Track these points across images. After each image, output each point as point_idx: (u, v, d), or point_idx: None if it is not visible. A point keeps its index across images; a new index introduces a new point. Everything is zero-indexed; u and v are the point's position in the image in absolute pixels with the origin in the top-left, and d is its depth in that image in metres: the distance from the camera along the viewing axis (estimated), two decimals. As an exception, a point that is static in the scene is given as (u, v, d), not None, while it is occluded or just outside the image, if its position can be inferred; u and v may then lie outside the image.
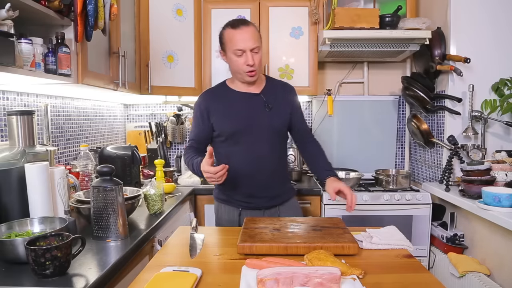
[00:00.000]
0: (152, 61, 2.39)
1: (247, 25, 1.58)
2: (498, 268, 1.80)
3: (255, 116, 1.65)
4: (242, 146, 1.66)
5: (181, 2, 2.52)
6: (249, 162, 1.66)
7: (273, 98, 1.69)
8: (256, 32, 1.60)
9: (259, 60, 1.60)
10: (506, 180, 1.90)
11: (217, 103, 1.67)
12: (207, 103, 1.68)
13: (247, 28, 1.57)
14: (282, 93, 1.73)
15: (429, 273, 1.04)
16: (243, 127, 1.64)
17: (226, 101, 1.67)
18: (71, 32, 1.53)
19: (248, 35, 1.56)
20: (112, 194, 1.29)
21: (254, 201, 1.70)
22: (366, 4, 2.63)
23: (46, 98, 1.95)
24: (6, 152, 1.42)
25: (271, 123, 1.66)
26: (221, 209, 1.76)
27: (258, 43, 1.59)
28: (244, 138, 1.65)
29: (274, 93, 1.71)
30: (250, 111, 1.66)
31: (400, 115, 2.94)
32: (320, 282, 0.91)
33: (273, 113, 1.67)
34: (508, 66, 2.22)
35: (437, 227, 2.27)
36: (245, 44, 1.55)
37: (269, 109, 1.66)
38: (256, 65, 1.59)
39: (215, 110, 1.66)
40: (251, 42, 1.56)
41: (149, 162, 2.74)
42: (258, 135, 1.65)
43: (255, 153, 1.66)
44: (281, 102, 1.70)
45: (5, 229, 1.17)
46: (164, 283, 0.94)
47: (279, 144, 1.74)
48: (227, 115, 1.66)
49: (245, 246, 1.16)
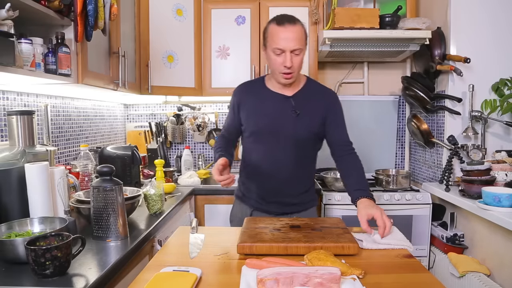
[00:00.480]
0: (152, 61, 2.39)
1: (294, 23, 1.48)
2: (498, 268, 1.80)
3: (280, 119, 1.57)
4: (262, 146, 1.61)
5: (181, 2, 2.52)
6: (265, 163, 1.61)
7: (305, 103, 1.58)
8: (301, 32, 1.49)
9: (298, 63, 1.50)
10: (506, 180, 1.90)
11: (249, 98, 1.64)
12: (240, 96, 1.66)
13: (292, 27, 1.47)
14: (318, 99, 1.60)
15: (429, 273, 1.04)
16: (266, 128, 1.59)
17: (257, 98, 1.63)
18: (71, 32, 1.53)
19: (291, 34, 1.46)
20: (112, 194, 1.29)
21: (265, 204, 1.65)
22: (366, 4, 2.63)
23: (46, 98, 1.95)
24: (6, 152, 1.41)
25: (295, 129, 1.56)
26: (236, 206, 1.77)
27: (301, 45, 1.48)
28: (265, 139, 1.60)
29: (308, 98, 1.59)
30: (277, 113, 1.58)
31: (400, 115, 2.94)
32: (320, 282, 0.91)
33: (300, 119, 1.56)
34: (508, 66, 2.22)
35: (437, 227, 2.27)
36: (286, 44, 1.45)
37: (295, 115, 1.56)
38: (295, 68, 1.49)
39: (245, 105, 1.64)
40: (293, 43, 1.45)
41: (149, 162, 2.74)
42: (280, 138, 1.58)
43: (273, 156, 1.60)
44: (313, 109, 1.58)
45: (5, 229, 1.17)
46: (164, 283, 0.94)
47: (303, 152, 1.62)
48: (254, 113, 1.62)
49: (245, 246, 1.16)
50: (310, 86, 1.64)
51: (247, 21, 2.60)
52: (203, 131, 2.96)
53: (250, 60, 2.61)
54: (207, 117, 2.98)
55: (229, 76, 2.65)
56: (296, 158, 1.61)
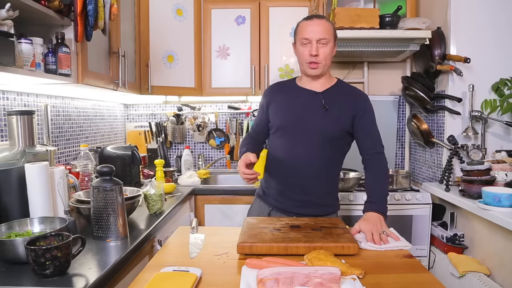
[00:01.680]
0: (152, 61, 2.39)
1: (320, 18, 1.56)
2: (498, 268, 1.80)
3: (309, 114, 1.57)
4: (288, 140, 1.60)
5: (181, 2, 2.52)
6: (289, 157, 1.59)
7: (335, 100, 1.58)
8: (328, 26, 1.54)
9: (325, 53, 1.53)
10: (506, 180, 1.90)
11: (278, 96, 1.67)
12: (270, 96, 1.69)
13: (318, 20, 1.54)
14: (349, 98, 1.61)
15: (429, 273, 1.05)
16: (293, 121, 1.59)
17: (286, 95, 1.65)
18: (71, 32, 1.53)
19: (317, 27, 1.52)
20: (112, 194, 1.29)
21: (284, 202, 1.62)
22: (366, 4, 2.63)
23: (46, 98, 1.95)
24: (6, 152, 1.41)
25: (323, 125, 1.55)
26: (255, 203, 1.75)
27: (327, 36, 1.52)
28: (292, 133, 1.59)
29: (338, 96, 1.60)
30: (305, 107, 1.58)
31: (400, 115, 2.94)
32: (320, 282, 0.91)
33: (328, 115, 1.56)
34: (508, 66, 2.22)
35: (437, 227, 2.27)
36: (312, 34, 1.52)
37: (325, 110, 1.56)
38: (320, 58, 1.53)
39: (274, 102, 1.66)
40: (319, 33, 1.51)
41: (149, 162, 2.74)
42: (307, 133, 1.57)
43: (298, 151, 1.57)
44: (343, 107, 1.58)
45: (5, 229, 1.17)
46: (164, 283, 0.94)
47: (330, 150, 1.59)
48: (282, 107, 1.63)
49: (245, 246, 1.16)
50: (341, 86, 1.66)
51: (247, 21, 2.60)
52: (203, 131, 2.96)
53: (250, 60, 2.61)
54: (207, 117, 2.98)
55: (229, 76, 2.65)
56: (321, 155, 1.58)
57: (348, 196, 2.28)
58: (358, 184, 2.40)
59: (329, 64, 1.59)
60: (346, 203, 2.27)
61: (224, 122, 3.01)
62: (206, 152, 3.03)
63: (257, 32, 2.58)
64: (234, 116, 3.01)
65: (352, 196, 2.28)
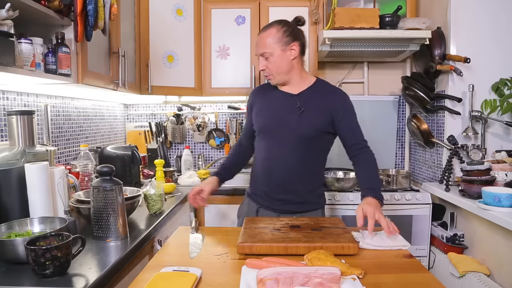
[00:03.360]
0: (152, 61, 2.39)
1: (264, 30, 1.59)
2: (498, 268, 1.80)
3: (285, 116, 1.61)
4: (268, 143, 1.65)
5: (181, 2, 2.52)
6: (271, 159, 1.63)
7: (310, 101, 1.60)
8: (267, 38, 1.56)
9: (271, 65, 1.57)
10: (506, 180, 1.90)
11: (259, 98, 1.72)
12: (253, 98, 1.75)
13: (262, 33, 1.59)
14: (326, 99, 1.61)
15: (429, 273, 1.05)
16: (271, 124, 1.64)
17: (266, 98, 1.70)
18: (71, 32, 1.53)
19: (259, 41, 1.59)
20: (112, 194, 1.29)
21: (269, 201, 1.66)
22: (366, 4, 2.63)
23: (46, 98, 1.95)
24: (6, 152, 1.41)
25: (299, 126, 1.58)
26: (244, 202, 1.79)
27: (268, 49, 1.55)
28: (271, 135, 1.64)
29: (314, 96, 1.62)
30: (281, 111, 1.62)
31: (400, 115, 2.94)
32: (320, 282, 0.91)
33: (304, 116, 1.58)
34: (508, 66, 2.22)
35: (437, 227, 2.27)
36: (256, 50, 1.61)
37: (300, 111, 1.58)
38: (270, 70, 1.58)
39: (256, 105, 1.72)
40: (260, 48, 1.58)
41: (149, 162, 2.74)
42: (284, 135, 1.61)
43: (277, 153, 1.62)
44: (319, 107, 1.60)
45: (5, 229, 1.17)
46: (164, 283, 0.94)
47: (308, 150, 1.62)
48: (261, 111, 1.68)
49: (245, 246, 1.16)
50: (318, 86, 1.66)
51: (247, 21, 2.60)
52: (203, 131, 2.96)
53: (250, 60, 2.61)
54: (207, 117, 2.98)
55: (229, 76, 2.65)
56: (300, 156, 1.61)
57: (348, 196, 2.28)
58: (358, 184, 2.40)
59: (287, 70, 1.59)
60: (346, 203, 2.27)
61: (224, 122, 3.01)
62: (206, 152, 3.03)
63: (257, 32, 2.58)
64: (234, 116, 3.01)
65: (352, 196, 2.28)
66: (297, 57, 1.59)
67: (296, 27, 1.62)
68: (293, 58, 1.58)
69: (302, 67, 1.65)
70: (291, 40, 1.56)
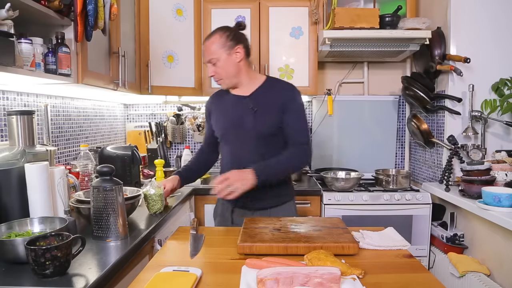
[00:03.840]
0: (152, 61, 2.39)
1: (208, 38, 1.64)
2: (498, 268, 1.80)
3: (240, 119, 1.66)
4: (229, 146, 1.72)
5: (181, 2, 2.52)
6: (234, 162, 1.66)
7: (262, 101, 1.65)
8: (212, 44, 1.61)
9: (218, 71, 1.63)
10: (506, 180, 1.90)
11: (216, 104, 1.77)
12: (210, 105, 1.80)
13: (206, 42, 1.64)
14: (276, 95, 1.66)
15: (429, 273, 1.04)
16: (229, 130, 1.69)
17: (221, 103, 1.75)
18: (71, 32, 1.53)
19: (205, 49, 1.65)
20: (112, 194, 1.29)
21: (242, 201, 1.67)
22: (366, 4, 2.63)
23: (46, 98, 1.95)
24: (6, 152, 1.41)
25: (254, 127, 1.63)
26: (219, 203, 1.83)
27: (214, 55, 1.60)
28: (231, 140, 1.70)
29: (265, 95, 1.66)
30: (236, 114, 1.67)
31: (400, 115, 2.94)
32: (320, 282, 0.91)
33: (258, 117, 1.63)
34: (508, 66, 2.22)
35: (437, 227, 2.28)
36: (203, 58, 1.70)
37: (253, 112, 1.63)
38: (219, 75, 1.64)
39: (213, 111, 1.77)
40: (206, 55, 1.63)
41: (149, 162, 2.74)
42: (243, 137, 1.66)
43: (240, 155, 1.66)
44: (271, 105, 1.64)
45: (5, 229, 1.17)
46: (164, 283, 0.94)
47: (268, 147, 1.65)
48: (219, 117, 1.74)
49: (245, 246, 1.16)
50: (268, 84, 1.70)
51: (247, 21, 2.59)
52: (203, 131, 2.96)
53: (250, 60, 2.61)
54: (207, 117, 2.98)
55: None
56: (262, 154, 1.63)
57: (348, 196, 2.28)
58: (358, 184, 2.40)
59: (235, 73, 1.64)
60: (346, 203, 2.27)
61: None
62: (206, 152, 3.03)
63: (257, 32, 2.58)
64: (234, 116, 3.00)
65: (352, 196, 2.28)
66: (243, 59, 1.65)
67: (238, 31, 1.67)
68: (239, 60, 1.64)
69: (249, 68, 1.70)
70: (234, 44, 1.62)
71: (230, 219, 1.72)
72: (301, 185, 2.43)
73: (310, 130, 1.69)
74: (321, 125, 2.90)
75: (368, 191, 2.35)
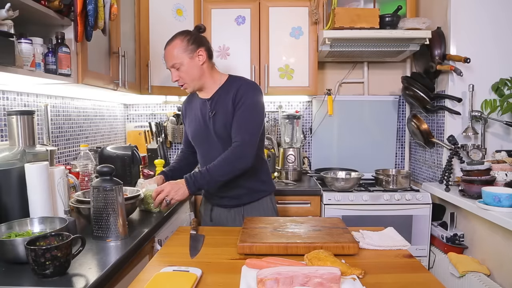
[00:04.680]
0: (152, 61, 2.39)
1: (169, 43, 1.64)
2: (498, 268, 1.80)
3: (203, 122, 1.69)
4: (199, 149, 1.77)
5: (181, 2, 2.52)
6: (205, 164, 1.69)
7: (219, 102, 1.65)
8: (174, 49, 1.61)
9: (182, 76, 1.63)
10: (506, 180, 1.90)
11: (188, 109, 1.82)
12: (184, 109, 1.86)
13: (167, 47, 1.64)
14: (230, 95, 1.63)
15: (429, 273, 1.04)
16: (196, 132, 1.73)
17: (191, 107, 1.79)
18: (71, 32, 1.53)
19: (166, 54, 1.64)
20: (112, 194, 1.29)
21: (218, 200, 1.76)
22: (366, 4, 2.63)
23: (46, 98, 1.95)
24: (6, 152, 1.41)
25: (214, 129, 1.65)
26: (202, 202, 1.91)
27: (176, 60, 1.61)
28: (199, 142, 1.75)
29: (223, 97, 1.65)
30: (199, 117, 1.71)
31: (400, 115, 2.94)
32: (320, 282, 0.91)
33: (216, 119, 1.64)
34: (508, 66, 2.22)
35: (437, 227, 2.28)
36: (166, 64, 1.66)
37: (212, 114, 1.65)
38: (182, 81, 1.64)
39: (186, 115, 1.83)
40: (168, 61, 1.63)
41: (149, 162, 2.74)
42: (207, 139, 1.70)
43: (208, 156, 1.69)
44: (226, 106, 1.62)
45: (5, 229, 1.17)
46: (164, 283, 0.94)
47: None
48: (189, 121, 1.79)
49: (245, 246, 1.16)
50: (226, 85, 1.68)
51: (247, 21, 2.60)
52: (203, 131, 2.96)
53: (250, 60, 2.61)
54: (207, 117, 2.98)
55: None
56: None
57: (348, 196, 2.28)
58: (358, 184, 2.40)
59: (199, 75, 1.65)
60: (346, 203, 2.27)
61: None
62: (206, 152, 3.03)
63: (257, 32, 2.58)
64: (234, 116, 3.00)
65: (352, 196, 2.28)
66: (205, 61, 1.66)
67: (199, 34, 1.69)
68: (202, 63, 1.64)
69: (212, 70, 1.70)
70: (196, 47, 1.63)
71: (209, 217, 1.80)
72: (301, 185, 2.43)
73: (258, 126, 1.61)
74: (321, 125, 2.90)
75: (368, 191, 2.35)
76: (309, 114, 2.97)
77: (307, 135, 2.96)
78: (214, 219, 1.79)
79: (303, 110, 2.98)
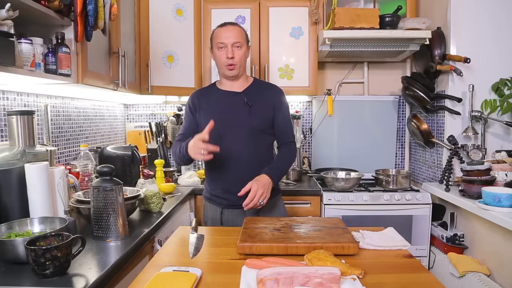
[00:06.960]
0: (152, 61, 2.39)
1: (234, 25, 1.73)
2: (498, 268, 1.80)
3: (234, 113, 1.71)
4: (222, 142, 1.68)
5: (181, 2, 2.52)
6: (226, 157, 1.68)
7: (256, 97, 1.73)
8: (240, 32, 1.72)
9: (240, 56, 1.69)
10: (506, 180, 1.90)
11: (203, 101, 1.78)
12: (195, 100, 1.80)
13: (232, 26, 1.72)
14: (267, 93, 1.77)
15: (429, 273, 1.04)
16: (222, 123, 1.68)
17: (211, 99, 1.78)
18: (71, 32, 1.53)
19: (231, 32, 1.69)
20: (112, 194, 1.29)
21: (232, 198, 1.69)
22: (366, 4, 2.63)
23: (46, 98, 1.95)
24: (6, 152, 1.41)
25: (249, 121, 1.69)
26: (206, 207, 1.85)
27: (241, 40, 1.69)
28: (223, 134, 1.69)
29: (258, 92, 1.76)
30: (230, 108, 1.72)
31: (400, 115, 2.94)
32: (320, 282, 0.91)
33: (253, 112, 1.70)
34: (508, 66, 2.22)
35: (437, 227, 2.28)
36: (227, 39, 1.68)
37: (248, 107, 1.70)
38: (236, 60, 1.69)
39: (200, 107, 1.78)
40: (233, 38, 1.68)
41: (149, 162, 2.73)
42: (236, 132, 1.69)
43: (233, 150, 1.69)
44: (263, 102, 1.74)
45: (5, 229, 1.17)
46: (164, 283, 0.94)
47: (260, 143, 1.74)
48: (209, 112, 1.74)
49: (245, 246, 1.16)
50: (259, 83, 1.82)
51: (247, 21, 2.60)
52: (203, 131, 2.96)
53: (250, 60, 2.61)
54: (207, 117, 2.98)
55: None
56: (253, 149, 1.71)
57: (348, 196, 2.28)
58: (358, 184, 2.40)
59: (244, 65, 1.76)
60: (346, 203, 2.27)
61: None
62: (206, 152, 3.02)
63: (257, 32, 2.58)
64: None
65: (352, 196, 2.28)
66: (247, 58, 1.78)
67: None
68: (247, 57, 1.78)
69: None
70: (248, 42, 1.78)
71: (219, 220, 1.75)
72: (301, 185, 2.43)
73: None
74: (321, 125, 2.90)
75: (368, 191, 2.35)
76: (309, 114, 2.98)
77: (307, 135, 2.96)
78: (226, 222, 1.74)
79: (303, 110, 2.98)
